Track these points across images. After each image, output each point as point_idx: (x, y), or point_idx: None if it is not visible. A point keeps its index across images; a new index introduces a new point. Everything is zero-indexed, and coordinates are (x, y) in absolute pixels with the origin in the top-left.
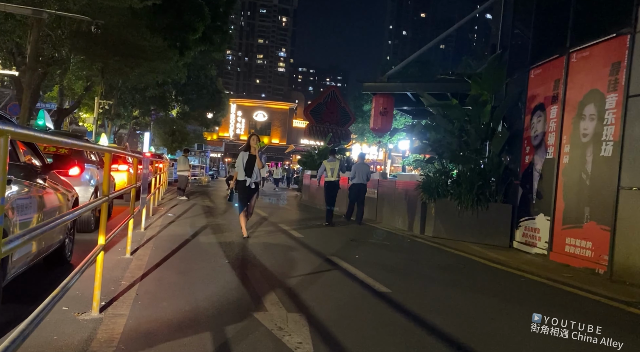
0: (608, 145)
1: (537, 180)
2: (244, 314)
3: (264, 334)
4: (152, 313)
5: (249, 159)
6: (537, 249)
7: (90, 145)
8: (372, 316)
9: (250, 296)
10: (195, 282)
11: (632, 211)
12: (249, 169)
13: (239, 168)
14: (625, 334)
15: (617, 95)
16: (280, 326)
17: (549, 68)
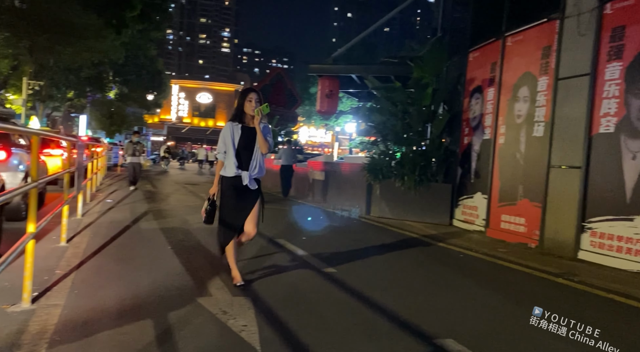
0: (540, 126)
1: (475, 160)
2: (188, 300)
3: (208, 319)
4: (89, 302)
5: (245, 135)
6: (475, 226)
7: (16, 127)
8: (317, 296)
9: (194, 282)
10: (136, 270)
11: (561, 188)
12: (246, 154)
13: (228, 153)
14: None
15: (548, 78)
16: (225, 310)
17: (486, 51)
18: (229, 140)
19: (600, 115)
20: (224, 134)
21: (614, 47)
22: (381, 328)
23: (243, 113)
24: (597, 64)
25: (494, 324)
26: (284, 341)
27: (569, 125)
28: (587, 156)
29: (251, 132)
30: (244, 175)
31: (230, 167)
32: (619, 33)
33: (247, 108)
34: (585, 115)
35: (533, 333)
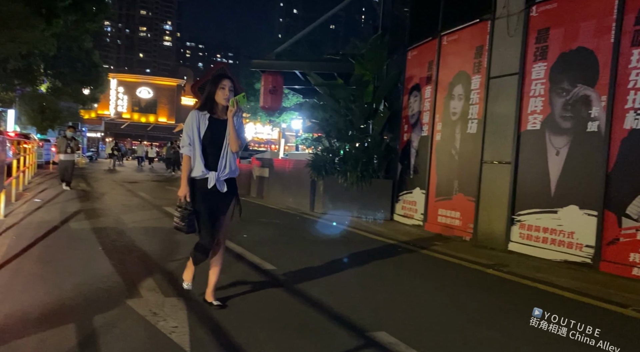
0: (473, 123)
1: (414, 156)
2: (116, 302)
3: (136, 321)
4: (6, 308)
5: (212, 128)
6: (414, 220)
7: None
8: (255, 294)
9: (124, 283)
10: (61, 272)
11: (492, 182)
12: (213, 151)
13: (194, 148)
14: (483, 293)
15: (480, 77)
16: (155, 311)
17: (424, 50)
18: (194, 133)
19: (528, 113)
20: (189, 124)
21: (540, 48)
22: (316, 324)
23: (214, 102)
24: (524, 64)
25: (426, 316)
26: (216, 341)
27: (500, 122)
28: (517, 152)
29: (221, 125)
30: (210, 176)
31: (197, 166)
32: (544, 35)
33: (220, 97)
34: (515, 113)
35: (464, 323)
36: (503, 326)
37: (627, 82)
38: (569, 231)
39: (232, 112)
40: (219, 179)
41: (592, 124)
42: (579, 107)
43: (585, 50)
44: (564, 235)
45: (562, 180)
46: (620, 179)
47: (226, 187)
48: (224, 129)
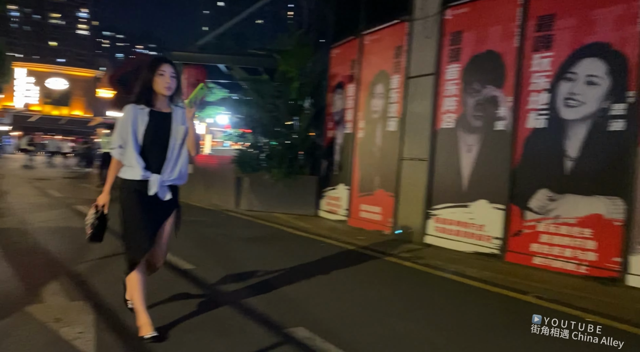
0: (393, 121)
1: (338, 153)
2: (13, 309)
3: (36, 329)
4: None
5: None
6: (339, 216)
7: None
8: (169, 295)
9: (25, 288)
10: None
11: (410, 178)
12: (157, 151)
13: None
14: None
15: (400, 76)
16: (58, 317)
17: (347, 49)
18: (128, 132)
19: (443, 112)
20: (124, 121)
21: (453, 50)
22: (234, 323)
23: (152, 93)
24: (440, 65)
25: (344, 310)
26: (124, 346)
27: (417, 120)
28: (432, 149)
29: (164, 119)
30: (153, 180)
31: (135, 168)
32: (457, 37)
33: (159, 86)
34: (431, 112)
35: (381, 316)
36: (419, 317)
37: (529, 84)
38: (479, 223)
39: (191, 113)
40: (162, 185)
41: (499, 123)
42: (488, 107)
43: (494, 53)
44: (475, 228)
45: (473, 176)
46: (524, 175)
47: (169, 195)
48: (168, 124)
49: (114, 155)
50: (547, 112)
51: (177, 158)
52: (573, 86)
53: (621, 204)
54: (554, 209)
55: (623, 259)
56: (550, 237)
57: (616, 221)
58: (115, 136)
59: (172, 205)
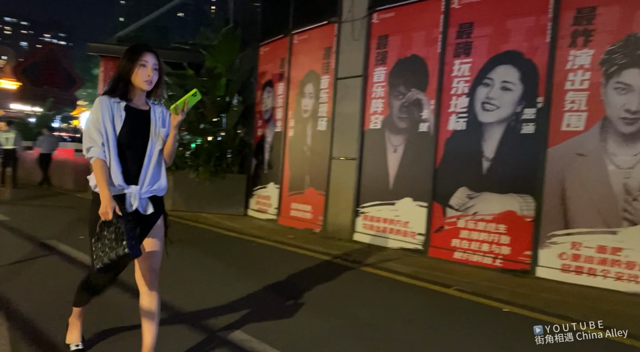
0: (323, 121)
1: (268, 152)
2: None
3: None
4: None
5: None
6: (269, 215)
7: None
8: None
9: None
10: None
11: (340, 177)
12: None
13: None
14: (330, 283)
15: (329, 77)
16: None
17: (276, 47)
18: (108, 127)
19: (371, 113)
20: (98, 115)
21: (380, 53)
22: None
23: (129, 85)
24: (368, 67)
25: (277, 310)
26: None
27: (347, 121)
28: (361, 149)
29: (142, 118)
30: (131, 193)
31: (113, 176)
32: (384, 41)
33: (139, 79)
34: (359, 113)
35: (312, 316)
36: (350, 314)
37: (451, 88)
38: (404, 220)
39: (177, 121)
40: (141, 197)
41: (423, 125)
42: (413, 110)
43: (418, 58)
44: (401, 224)
45: (399, 175)
46: (445, 174)
47: (151, 207)
48: (146, 123)
49: (96, 155)
50: (467, 115)
51: (157, 165)
52: (489, 91)
53: (532, 201)
54: (472, 206)
55: (533, 252)
56: (469, 232)
57: (527, 217)
58: (93, 132)
59: (156, 215)
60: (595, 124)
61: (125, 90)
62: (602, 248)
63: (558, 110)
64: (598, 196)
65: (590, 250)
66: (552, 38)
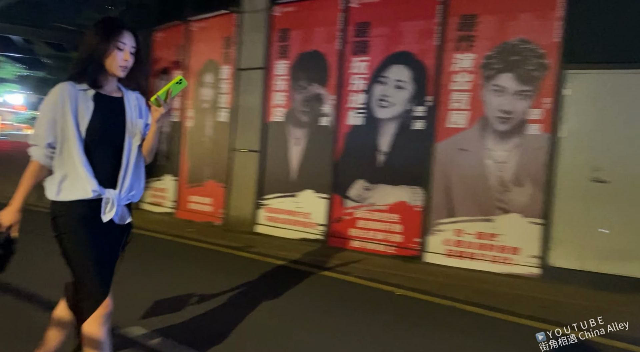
0: (224, 112)
1: (164, 142)
2: None
3: None
4: None
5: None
6: (165, 208)
7: None
8: None
9: None
10: None
11: (242, 169)
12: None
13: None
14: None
15: (230, 67)
16: None
17: (172, 33)
18: (67, 122)
19: (273, 105)
20: (57, 106)
21: (282, 46)
22: None
23: (101, 70)
24: (269, 60)
25: (180, 304)
26: None
27: (249, 112)
28: (263, 141)
29: (116, 107)
30: (109, 199)
31: (81, 180)
32: (285, 34)
33: (113, 63)
34: (261, 105)
35: (219, 307)
36: (253, 304)
37: (349, 84)
38: (306, 212)
39: (159, 114)
40: (120, 203)
41: (324, 119)
42: (314, 104)
43: (319, 53)
44: (302, 216)
45: (301, 167)
46: (344, 167)
47: (129, 216)
48: (121, 114)
49: (37, 157)
50: (364, 111)
51: (137, 165)
52: (385, 89)
53: (421, 192)
54: (369, 198)
55: (422, 239)
56: (366, 222)
57: (417, 207)
58: (41, 128)
59: (128, 227)
60: (475, 122)
61: (96, 75)
62: (480, 234)
63: (444, 108)
64: (477, 187)
65: (470, 236)
66: (440, 41)
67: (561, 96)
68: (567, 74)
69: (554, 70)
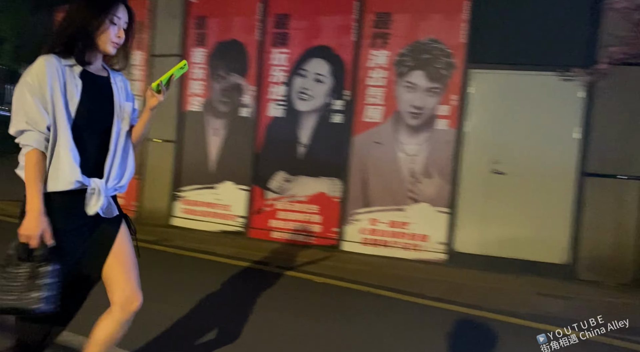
0: (136, 100)
1: None
2: None
3: None
4: None
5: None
6: None
7: None
8: None
9: None
10: None
11: (157, 160)
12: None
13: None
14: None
15: (143, 53)
16: None
17: None
18: (57, 101)
19: (190, 94)
20: (46, 82)
21: (199, 34)
22: None
23: (92, 46)
24: (186, 47)
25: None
26: None
27: (165, 101)
28: (180, 131)
29: (104, 88)
30: (95, 190)
31: (65, 169)
32: (203, 22)
33: (105, 38)
34: (177, 93)
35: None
36: (174, 299)
37: (270, 76)
38: (225, 204)
39: (157, 101)
40: (108, 194)
41: (244, 110)
42: (234, 94)
43: (238, 43)
44: (221, 208)
45: (220, 159)
46: (265, 158)
47: (115, 208)
48: (109, 95)
49: (36, 144)
50: (285, 103)
51: (124, 152)
52: (305, 82)
53: (339, 183)
54: (289, 189)
55: (339, 229)
56: (286, 213)
57: (335, 198)
58: (33, 108)
59: (120, 222)
60: (389, 116)
61: (83, 50)
62: (393, 223)
63: (361, 103)
64: (391, 178)
65: (384, 225)
66: (357, 37)
67: (466, 94)
68: (472, 73)
69: (460, 70)
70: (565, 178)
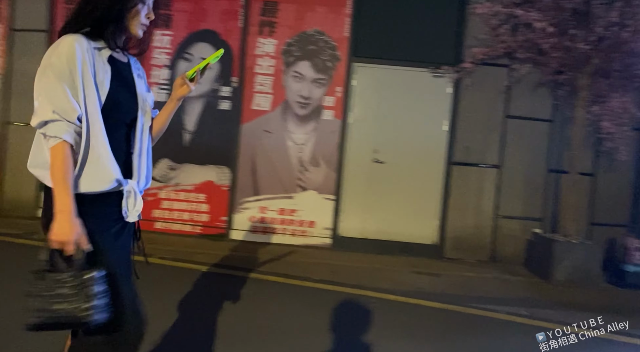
0: None
1: None
2: None
3: None
4: None
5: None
6: None
7: None
8: None
9: None
10: None
11: (20, 146)
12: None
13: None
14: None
15: (2, 27)
16: None
17: None
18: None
19: None
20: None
21: (70, 9)
22: None
23: (123, 29)
24: (54, 22)
25: None
26: None
27: (28, 80)
28: None
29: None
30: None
31: (102, 167)
32: None
33: (136, 21)
34: None
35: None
36: None
37: (151, 58)
38: None
39: (188, 91)
40: (138, 196)
41: None
42: None
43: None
44: None
45: None
46: None
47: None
48: (132, 85)
49: (67, 136)
50: (168, 88)
51: (148, 149)
52: (189, 66)
53: (228, 172)
54: (174, 178)
55: (228, 217)
56: (171, 203)
57: (224, 187)
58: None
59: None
60: (278, 105)
61: (115, 34)
62: (282, 210)
63: (249, 90)
64: (280, 167)
65: (273, 213)
66: (244, 24)
67: (350, 86)
68: (355, 66)
69: (344, 62)
70: (436, 167)
